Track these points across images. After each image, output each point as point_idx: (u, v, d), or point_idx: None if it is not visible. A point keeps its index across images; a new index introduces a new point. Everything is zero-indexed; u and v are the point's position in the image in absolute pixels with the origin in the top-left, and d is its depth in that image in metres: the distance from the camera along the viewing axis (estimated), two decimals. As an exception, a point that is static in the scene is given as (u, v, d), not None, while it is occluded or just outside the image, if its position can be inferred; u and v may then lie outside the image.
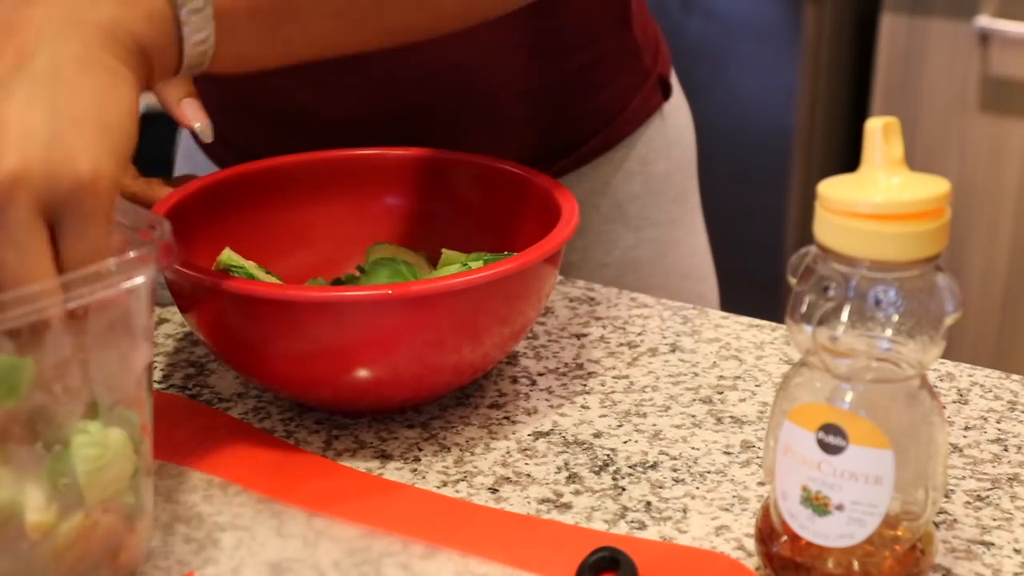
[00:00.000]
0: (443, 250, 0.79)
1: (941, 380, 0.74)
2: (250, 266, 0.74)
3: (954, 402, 0.72)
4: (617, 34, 0.91)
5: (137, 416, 0.55)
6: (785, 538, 0.55)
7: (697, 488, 0.64)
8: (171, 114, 0.77)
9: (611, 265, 0.93)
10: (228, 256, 0.74)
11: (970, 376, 0.75)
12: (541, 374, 0.75)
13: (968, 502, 0.63)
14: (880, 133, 0.51)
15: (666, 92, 0.96)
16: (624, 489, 0.64)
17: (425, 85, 0.85)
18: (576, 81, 0.89)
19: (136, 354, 0.55)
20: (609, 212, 0.92)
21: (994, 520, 0.61)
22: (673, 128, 0.96)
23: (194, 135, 0.75)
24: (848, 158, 2.07)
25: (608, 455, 0.67)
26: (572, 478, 0.65)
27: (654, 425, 0.70)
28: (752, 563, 0.58)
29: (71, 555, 0.52)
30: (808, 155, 1.99)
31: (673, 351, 0.77)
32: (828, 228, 0.51)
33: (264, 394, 0.73)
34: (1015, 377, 0.75)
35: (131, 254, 0.52)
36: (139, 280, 0.52)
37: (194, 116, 0.75)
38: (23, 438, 0.52)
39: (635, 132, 0.93)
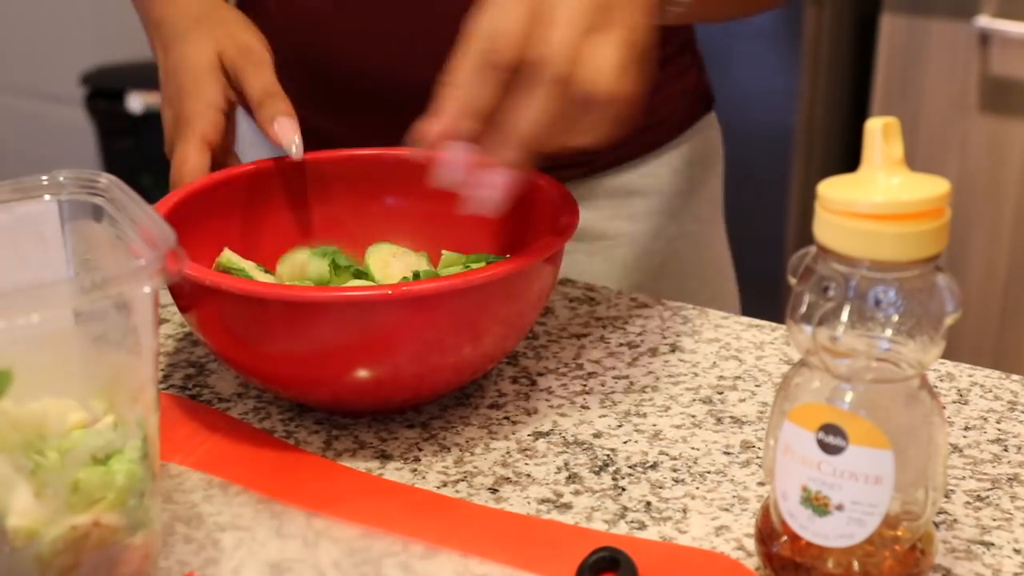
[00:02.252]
0: (443, 251, 0.79)
1: (941, 380, 0.74)
2: (249, 267, 0.74)
3: (954, 402, 0.72)
4: (683, 35, 0.97)
5: (137, 431, 0.54)
6: (785, 538, 0.55)
7: (697, 488, 0.64)
8: (263, 130, 0.79)
9: (657, 253, 0.97)
10: (227, 258, 0.74)
11: (970, 376, 0.75)
12: (541, 374, 0.75)
13: (968, 502, 0.63)
14: (880, 133, 0.51)
15: (711, 99, 1.02)
16: (624, 489, 0.64)
17: None
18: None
19: (138, 366, 0.55)
20: (657, 203, 0.97)
21: (994, 520, 0.61)
22: (714, 134, 1.02)
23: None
24: (848, 158, 2.07)
25: (608, 455, 0.67)
26: (572, 478, 0.65)
27: (654, 425, 0.70)
28: (752, 563, 0.58)
29: (58, 563, 0.52)
30: (808, 155, 1.99)
31: (673, 351, 0.77)
32: (828, 228, 0.51)
33: (264, 394, 0.73)
34: (1015, 377, 0.75)
35: (137, 263, 0.52)
36: (144, 290, 0.52)
37: (287, 135, 0.78)
38: (8, 444, 0.52)
39: (683, 133, 0.98)
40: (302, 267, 0.77)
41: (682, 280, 0.98)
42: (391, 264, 0.78)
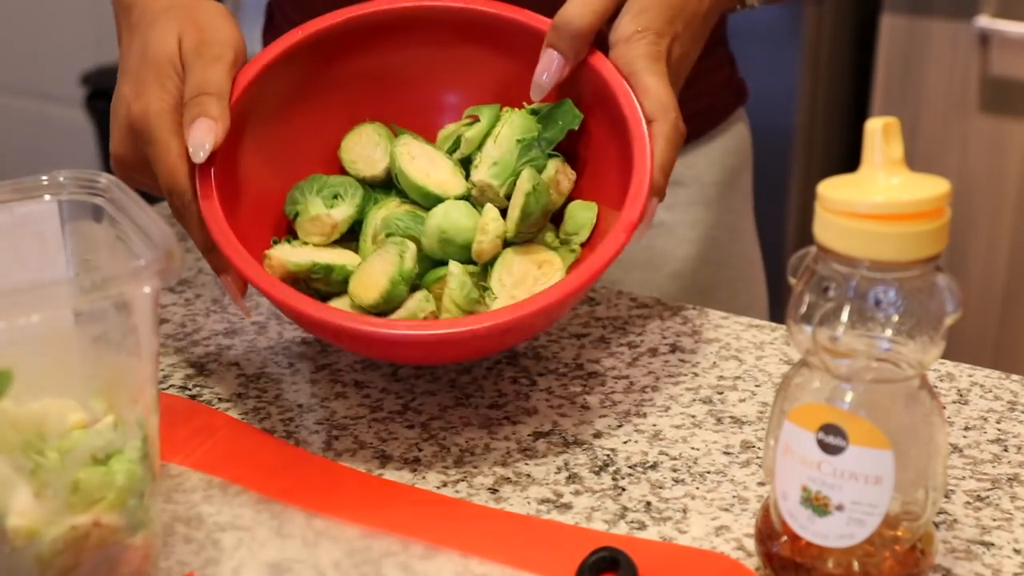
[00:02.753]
0: (443, 127, 0.76)
1: (941, 380, 0.74)
2: (328, 260, 0.71)
3: (954, 402, 0.72)
4: (715, 33, 0.98)
5: (137, 431, 0.54)
6: (785, 538, 0.55)
7: (697, 488, 0.64)
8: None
9: (695, 242, 0.98)
10: (295, 261, 0.70)
11: (970, 376, 0.75)
12: (541, 374, 0.75)
13: (968, 502, 0.63)
14: (880, 133, 0.51)
15: (744, 93, 1.04)
16: (624, 489, 0.64)
17: None
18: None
19: (138, 366, 0.55)
20: (694, 194, 0.98)
21: (994, 520, 0.61)
22: (745, 127, 1.05)
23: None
24: (848, 158, 2.07)
25: (608, 455, 0.67)
26: (572, 478, 0.65)
27: (654, 425, 0.70)
28: (752, 563, 0.58)
29: (58, 563, 0.52)
30: (808, 155, 1.99)
31: (673, 351, 0.77)
32: (828, 228, 0.51)
33: (264, 394, 0.73)
34: (1015, 377, 0.75)
35: (137, 263, 0.52)
36: (144, 290, 0.52)
37: (196, 136, 0.68)
38: (8, 444, 0.52)
39: (720, 125, 1.00)
40: (329, 228, 0.73)
41: (718, 269, 0.99)
42: (430, 173, 0.74)
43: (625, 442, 0.68)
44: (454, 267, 0.69)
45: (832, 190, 0.51)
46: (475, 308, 0.69)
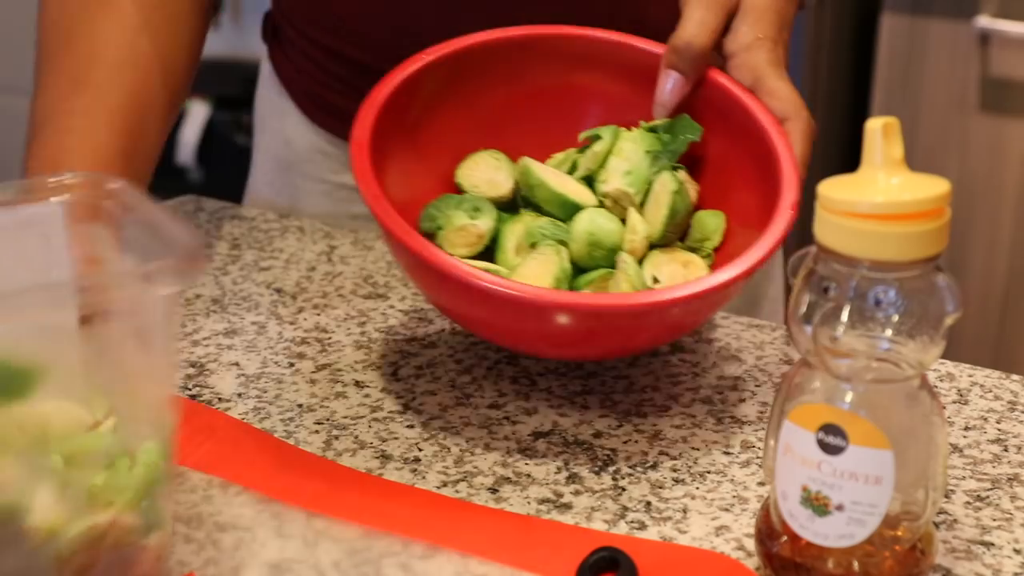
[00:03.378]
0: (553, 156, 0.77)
1: (941, 380, 0.74)
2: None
3: (954, 402, 0.72)
4: None
5: (152, 432, 0.54)
6: (785, 538, 0.55)
7: (697, 488, 0.64)
8: None
9: None
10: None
11: (970, 376, 0.75)
12: (541, 374, 0.75)
13: (968, 502, 0.63)
14: (880, 133, 0.51)
15: None
16: (624, 489, 0.64)
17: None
18: None
19: (154, 367, 0.55)
20: None
21: (994, 520, 0.61)
22: None
23: None
24: (848, 158, 2.07)
25: (608, 455, 0.67)
26: (572, 478, 0.65)
27: (654, 425, 0.70)
28: (752, 563, 0.58)
29: (76, 561, 0.52)
30: (808, 155, 1.99)
31: (673, 351, 0.77)
32: (828, 228, 0.51)
33: (264, 394, 0.73)
34: (1015, 377, 0.75)
35: (145, 264, 0.52)
36: (154, 291, 0.52)
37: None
38: (28, 445, 0.52)
39: None
40: (475, 237, 0.73)
41: None
42: (565, 185, 0.74)
43: (625, 442, 0.68)
44: (624, 255, 0.70)
45: (832, 190, 0.51)
46: None
